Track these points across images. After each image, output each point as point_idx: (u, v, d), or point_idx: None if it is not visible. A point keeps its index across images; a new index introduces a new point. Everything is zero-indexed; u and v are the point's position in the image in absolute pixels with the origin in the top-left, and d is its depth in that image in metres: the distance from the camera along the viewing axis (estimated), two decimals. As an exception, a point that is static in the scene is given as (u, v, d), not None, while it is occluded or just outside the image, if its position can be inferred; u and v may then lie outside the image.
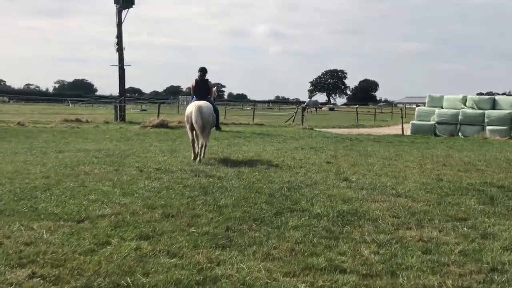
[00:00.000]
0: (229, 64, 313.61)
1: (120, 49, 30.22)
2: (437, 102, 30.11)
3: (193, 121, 12.75)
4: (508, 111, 27.07)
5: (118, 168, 11.48)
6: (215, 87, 15.16)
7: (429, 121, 29.09)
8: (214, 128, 14.50)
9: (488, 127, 27.15)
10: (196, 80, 14.20)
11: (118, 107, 29.80)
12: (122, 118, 29.71)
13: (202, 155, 12.99)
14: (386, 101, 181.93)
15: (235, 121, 33.18)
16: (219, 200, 8.18)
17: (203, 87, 14.12)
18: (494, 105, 28.38)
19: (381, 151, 17.63)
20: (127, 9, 30.22)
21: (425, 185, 10.19)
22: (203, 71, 14.25)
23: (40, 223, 6.63)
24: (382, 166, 13.11)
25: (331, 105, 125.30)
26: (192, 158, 13.10)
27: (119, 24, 30.23)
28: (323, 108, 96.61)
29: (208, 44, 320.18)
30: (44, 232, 6.21)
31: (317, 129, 29.79)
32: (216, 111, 14.02)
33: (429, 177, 11.42)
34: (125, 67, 30.77)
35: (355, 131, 31.02)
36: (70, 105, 69.75)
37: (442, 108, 29.39)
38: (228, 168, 11.83)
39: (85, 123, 27.60)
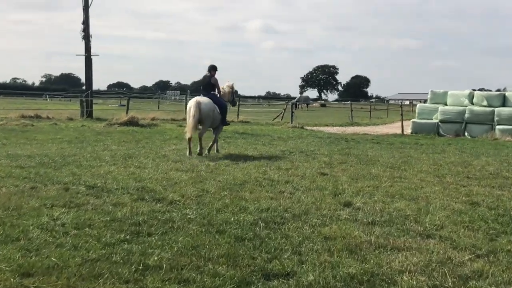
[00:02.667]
0: (220, 60, 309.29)
1: (86, 37, 26.73)
2: (440, 98, 27.22)
3: (190, 114, 13.08)
4: (521, 109, 24.25)
5: (38, 185, 8.42)
6: (232, 84, 15.24)
7: (432, 119, 26.24)
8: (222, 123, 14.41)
9: (498, 127, 24.33)
10: (204, 77, 14.37)
11: (85, 102, 26.49)
12: (89, 115, 26.47)
13: (207, 150, 13.68)
14: (378, 97, 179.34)
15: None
16: (151, 253, 5.13)
17: (208, 84, 14.16)
18: (504, 101, 25.55)
19: (384, 156, 14.70)
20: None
21: (460, 215, 7.24)
22: (210, 68, 14.25)
23: None
24: (391, 180, 10.17)
25: (323, 101, 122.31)
26: (187, 153, 13.18)
27: (86, 8, 26.77)
28: (314, 104, 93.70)
29: (200, 39, 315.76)
30: None
31: (308, 128, 26.81)
32: (222, 106, 14.03)
33: (458, 198, 8.48)
34: (92, 57, 27.46)
35: (349, 129, 28.11)
36: (48, 100, 66.29)
37: (446, 105, 26.55)
38: (189, 185, 8.83)
39: (45, 120, 24.44)
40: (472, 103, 26.01)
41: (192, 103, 13.36)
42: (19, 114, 24.59)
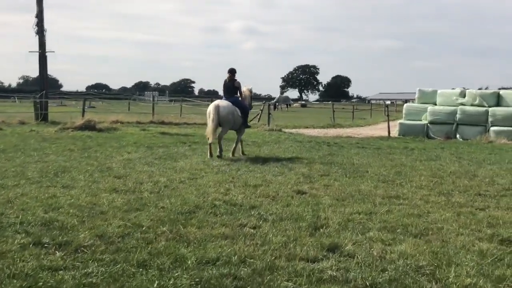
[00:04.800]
0: (202, 61, 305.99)
1: (40, 31, 24.00)
2: (429, 97, 25.17)
3: (209, 118, 13.23)
4: (516, 109, 22.26)
5: None
6: (251, 87, 15.29)
7: (420, 120, 24.20)
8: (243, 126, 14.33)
9: (493, 128, 22.35)
10: (224, 81, 14.26)
11: (39, 104, 23.82)
12: (44, 118, 23.86)
13: (231, 153, 13.79)
14: (359, 97, 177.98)
15: (188, 121, 27.63)
16: None
17: (230, 87, 14.13)
18: (499, 101, 23.57)
19: (373, 165, 12.53)
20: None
21: (493, 263, 5.02)
22: (231, 72, 14.22)
23: None
24: (387, 202, 7.97)
25: (303, 101, 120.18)
26: (208, 156, 13.15)
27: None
28: (294, 105, 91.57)
29: (181, 40, 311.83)
30: None
31: (286, 130, 24.56)
32: (244, 109, 14.13)
33: (481, 231, 6.28)
34: (47, 54, 24.81)
35: (332, 132, 25.94)
36: (17, 102, 63.23)
37: (436, 104, 24.51)
38: (118, 216, 6.51)
39: (-8, 124, 21.83)
40: (464, 103, 24.03)
41: (211, 107, 13.43)
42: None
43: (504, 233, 6.11)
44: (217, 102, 13.69)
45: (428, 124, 23.61)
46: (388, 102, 74.20)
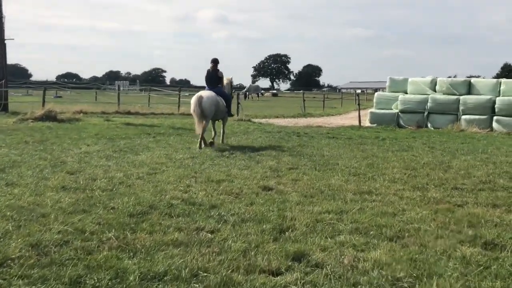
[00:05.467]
0: (173, 50, 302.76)
1: (-2, 17, 23.04)
2: (400, 86, 24.80)
3: (192, 110, 13.32)
4: (487, 97, 22.01)
5: None
6: (231, 77, 15.54)
7: (391, 109, 23.80)
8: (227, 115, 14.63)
9: (463, 117, 22.08)
10: (208, 71, 14.28)
11: (-1, 94, 22.69)
12: (3, 108, 22.75)
13: (221, 141, 14.03)
14: (329, 86, 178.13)
15: (155, 111, 26.76)
16: None
17: (214, 77, 14.17)
18: (469, 89, 23.29)
19: (344, 156, 12.01)
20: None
21: (479, 273, 4.47)
22: (214, 62, 14.25)
23: None
24: (359, 198, 7.41)
25: (275, 91, 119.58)
26: (198, 146, 12.93)
27: (-4, -17, 22.93)
28: (265, 94, 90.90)
29: (152, 29, 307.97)
30: None
31: (256, 121, 23.91)
32: (227, 99, 14.23)
33: (461, 232, 5.74)
34: (6, 42, 23.65)
35: (302, 121, 25.41)
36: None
37: (407, 93, 24.13)
38: (59, 220, 5.80)
39: None
40: (435, 91, 23.70)
41: (194, 98, 13.37)
42: None
43: (487, 235, 5.59)
44: (200, 93, 13.48)
45: (399, 113, 23.24)
46: (358, 91, 74.04)
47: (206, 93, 13.40)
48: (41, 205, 6.49)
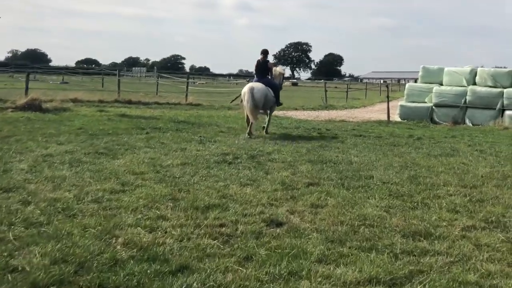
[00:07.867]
0: (194, 37, 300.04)
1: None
2: (434, 76, 21.99)
3: (245, 101, 13.54)
4: (537, 90, 19.19)
5: None
6: (279, 67, 15.65)
7: (424, 102, 21.08)
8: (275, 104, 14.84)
9: (508, 112, 19.31)
10: (258, 61, 14.55)
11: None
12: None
13: (265, 131, 14.29)
14: (351, 76, 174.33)
15: (160, 100, 24.18)
16: None
17: (263, 68, 14.46)
18: (515, 81, 20.45)
19: (377, 164, 9.48)
20: None
21: None
22: (264, 53, 14.64)
23: None
24: (411, 244, 4.87)
25: (295, 80, 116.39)
26: (247, 133, 13.31)
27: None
28: (285, 83, 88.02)
29: (174, 16, 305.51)
30: None
31: (272, 113, 21.26)
32: (275, 88, 14.44)
33: None
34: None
35: (323, 114, 22.78)
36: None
37: (442, 85, 21.34)
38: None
39: None
40: (474, 83, 20.88)
41: (246, 89, 13.75)
42: None
43: None
44: (251, 84, 13.95)
45: (433, 107, 20.53)
46: (387, 82, 70.70)
47: (256, 85, 13.85)
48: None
